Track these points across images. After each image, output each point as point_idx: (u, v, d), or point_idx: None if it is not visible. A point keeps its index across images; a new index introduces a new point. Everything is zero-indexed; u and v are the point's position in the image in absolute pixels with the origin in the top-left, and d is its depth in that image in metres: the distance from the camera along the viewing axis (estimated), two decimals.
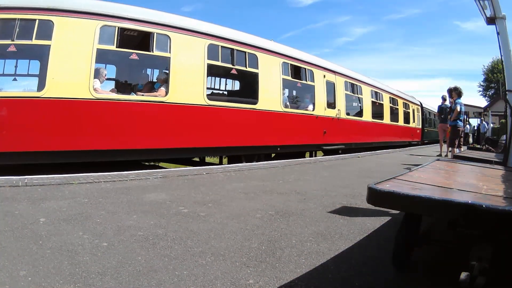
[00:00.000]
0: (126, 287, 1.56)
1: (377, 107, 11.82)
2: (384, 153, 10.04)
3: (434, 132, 19.66)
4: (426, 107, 18.62)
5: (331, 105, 9.02)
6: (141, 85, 5.92)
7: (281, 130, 7.39)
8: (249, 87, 7.22)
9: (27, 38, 4.34)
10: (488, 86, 41.96)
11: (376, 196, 1.42)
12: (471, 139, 20.33)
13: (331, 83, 9.08)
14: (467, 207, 1.22)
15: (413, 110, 15.85)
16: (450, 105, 8.69)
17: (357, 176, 5.05)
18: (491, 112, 22.53)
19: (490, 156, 4.79)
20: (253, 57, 6.80)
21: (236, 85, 8.60)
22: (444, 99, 9.71)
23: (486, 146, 9.33)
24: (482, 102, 37.36)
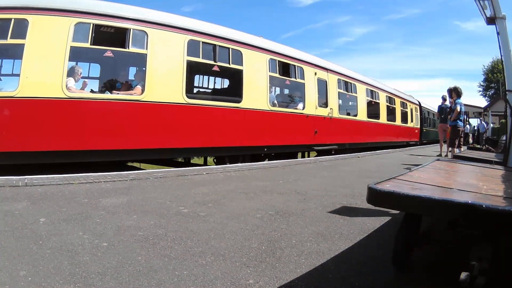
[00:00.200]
0: (126, 287, 1.56)
1: (373, 106, 11.52)
2: (384, 153, 10.04)
3: (433, 132, 19.20)
4: (425, 107, 18.34)
5: (323, 104, 8.73)
6: (120, 84, 5.70)
7: (268, 130, 7.10)
8: (233, 85, 6.95)
9: (3, 38, 4.32)
10: (488, 86, 41.94)
11: (376, 196, 1.42)
12: (471, 139, 20.31)
13: (323, 81, 8.78)
14: (467, 207, 1.22)
15: (411, 110, 15.55)
16: (450, 105, 8.70)
17: (357, 176, 5.05)
18: (491, 112, 22.55)
19: (490, 156, 4.80)
20: (238, 53, 6.52)
21: (219, 83, 8.27)
22: (444, 99, 9.70)
23: (486, 146, 9.35)
24: (482, 102, 37.41)
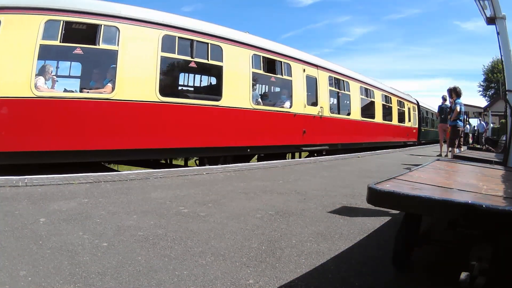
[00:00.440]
0: (126, 287, 1.56)
1: (368, 105, 11.14)
2: (384, 153, 10.04)
3: (433, 132, 18.89)
4: (424, 106, 18.01)
5: (313, 102, 8.35)
6: (94, 82, 5.48)
7: (251, 130, 6.76)
8: (212, 82, 6.70)
9: None
10: (488, 86, 41.90)
11: (376, 196, 1.42)
12: (471, 139, 20.30)
13: (313, 78, 8.39)
14: (467, 207, 1.22)
15: (409, 109, 15.16)
16: (450, 105, 8.70)
17: (357, 176, 5.05)
18: (491, 112, 22.55)
19: (490, 156, 4.80)
20: (217, 49, 6.22)
21: (197, 80, 7.85)
22: (445, 99, 9.71)
23: (486, 146, 9.36)
24: (482, 102, 37.37)
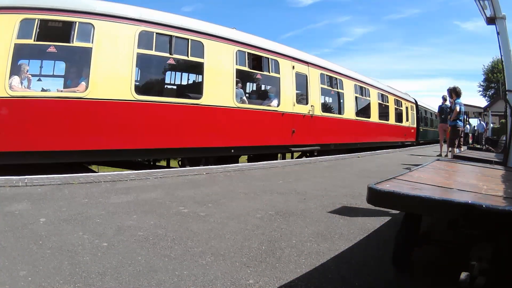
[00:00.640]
0: (126, 287, 1.56)
1: (363, 104, 10.82)
2: (384, 153, 10.04)
3: (431, 132, 18.64)
4: (422, 105, 17.69)
5: (302, 101, 8.03)
6: (70, 81, 5.35)
7: (235, 129, 6.48)
8: (192, 80, 6.52)
9: None
10: (488, 86, 41.88)
11: (376, 196, 1.43)
12: (471, 139, 20.30)
13: (303, 75, 8.06)
14: (467, 207, 1.22)
15: (407, 108, 14.76)
16: (450, 105, 8.71)
17: (357, 176, 5.05)
18: (491, 112, 22.55)
19: (490, 156, 4.80)
20: (198, 45, 5.96)
21: (176, 78, 7.51)
22: (445, 99, 9.72)
23: (486, 146, 9.36)
24: (482, 102, 37.35)
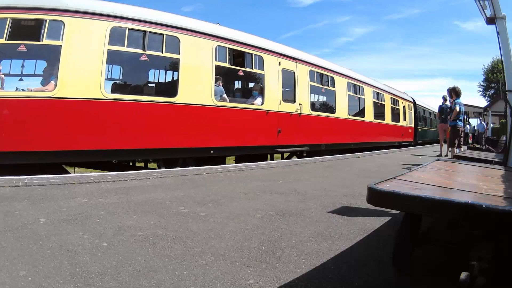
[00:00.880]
0: (126, 287, 1.56)
1: (356, 103, 10.50)
2: (384, 153, 10.05)
3: (430, 132, 18.42)
4: (420, 105, 17.33)
5: (290, 99, 7.69)
6: (43, 79, 5.21)
7: (215, 129, 6.22)
8: (167, 77, 6.41)
9: None
10: (488, 86, 41.90)
11: (376, 196, 1.42)
12: (471, 139, 20.30)
13: (290, 72, 7.74)
14: (467, 207, 1.22)
15: (404, 107, 14.43)
16: (450, 105, 8.71)
17: (357, 176, 5.05)
18: (491, 112, 22.56)
19: (490, 156, 4.80)
20: (174, 40, 5.74)
21: (150, 75, 7.19)
22: (445, 99, 9.73)
23: (486, 146, 9.36)
24: (482, 102, 37.38)
